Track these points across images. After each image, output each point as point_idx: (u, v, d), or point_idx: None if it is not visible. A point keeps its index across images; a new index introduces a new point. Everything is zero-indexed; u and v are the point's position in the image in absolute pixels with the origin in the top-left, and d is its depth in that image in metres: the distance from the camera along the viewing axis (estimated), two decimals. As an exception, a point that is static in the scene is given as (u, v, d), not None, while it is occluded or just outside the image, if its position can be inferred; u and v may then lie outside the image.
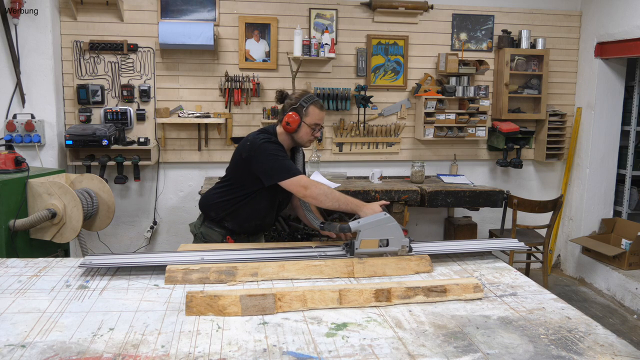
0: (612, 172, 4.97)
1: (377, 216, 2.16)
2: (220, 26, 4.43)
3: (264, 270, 2.03)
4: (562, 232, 5.21)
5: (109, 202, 3.36)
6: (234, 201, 2.50)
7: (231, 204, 2.51)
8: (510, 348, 1.51)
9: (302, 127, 2.46)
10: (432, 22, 4.73)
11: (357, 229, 2.14)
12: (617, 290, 4.42)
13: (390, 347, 1.50)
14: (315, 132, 2.50)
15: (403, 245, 2.17)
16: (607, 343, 1.55)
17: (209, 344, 1.50)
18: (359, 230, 2.13)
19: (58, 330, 1.58)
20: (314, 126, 2.48)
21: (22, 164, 3.15)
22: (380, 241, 2.15)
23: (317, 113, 2.47)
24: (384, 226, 2.14)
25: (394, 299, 1.80)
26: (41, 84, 4.07)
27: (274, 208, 2.58)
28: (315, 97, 2.51)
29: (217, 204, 2.54)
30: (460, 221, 4.76)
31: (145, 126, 4.38)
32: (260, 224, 2.59)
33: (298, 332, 1.59)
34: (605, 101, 4.82)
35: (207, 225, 2.59)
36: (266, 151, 2.36)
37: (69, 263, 2.20)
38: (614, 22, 4.55)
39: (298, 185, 2.31)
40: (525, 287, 2.02)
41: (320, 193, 2.28)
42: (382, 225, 2.14)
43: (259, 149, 2.37)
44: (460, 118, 4.63)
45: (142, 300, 1.82)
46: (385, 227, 2.15)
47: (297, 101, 2.46)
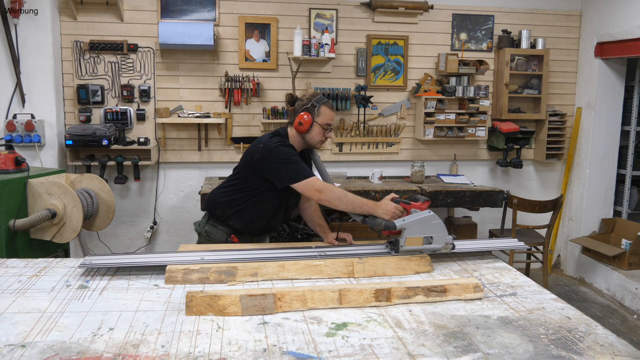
0: (612, 172, 4.96)
1: (422, 214, 2.15)
2: (220, 26, 4.42)
3: (264, 270, 2.04)
4: (562, 232, 5.20)
5: (109, 202, 3.36)
6: (241, 200, 2.50)
7: (237, 203, 2.51)
8: (510, 348, 1.51)
9: (314, 127, 2.48)
10: (432, 22, 4.73)
11: (403, 227, 2.14)
12: (617, 290, 4.41)
13: (390, 347, 1.50)
14: (326, 132, 2.53)
15: (447, 243, 2.18)
16: (607, 343, 1.55)
17: (209, 344, 1.50)
18: (404, 228, 2.13)
19: (58, 330, 1.59)
20: (325, 126, 2.51)
21: (22, 164, 3.15)
22: (425, 238, 2.15)
23: (328, 113, 2.51)
24: (428, 224, 2.14)
25: (394, 298, 1.81)
26: (41, 84, 4.07)
27: (281, 211, 2.57)
28: (326, 99, 2.55)
29: (223, 203, 2.54)
30: (461, 221, 4.75)
31: (145, 126, 4.38)
32: (265, 226, 2.58)
33: (298, 332, 1.59)
34: (605, 101, 4.81)
35: (211, 224, 2.58)
36: (280, 154, 2.37)
37: (69, 263, 2.21)
38: (614, 22, 4.55)
39: (312, 189, 2.33)
40: (525, 287, 2.02)
41: (334, 197, 2.30)
42: (427, 222, 2.14)
43: (272, 152, 2.37)
44: (460, 118, 4.62)
45: (142, 300, 1.82)
46: (430, 225, 2.14)
47: (309, 102, 2.49)
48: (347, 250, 2.28)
